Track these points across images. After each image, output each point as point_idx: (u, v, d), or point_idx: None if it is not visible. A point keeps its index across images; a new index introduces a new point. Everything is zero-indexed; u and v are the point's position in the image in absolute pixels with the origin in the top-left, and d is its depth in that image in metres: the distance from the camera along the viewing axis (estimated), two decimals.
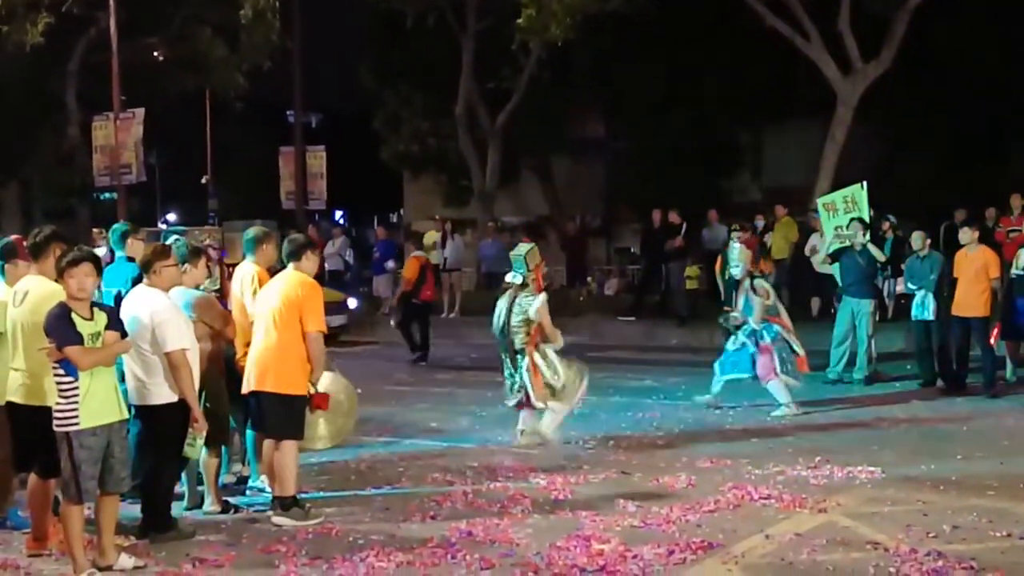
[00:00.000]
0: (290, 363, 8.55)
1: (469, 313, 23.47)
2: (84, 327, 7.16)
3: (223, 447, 9.14)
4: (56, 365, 7.15)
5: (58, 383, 7.17)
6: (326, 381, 9.06)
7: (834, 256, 15.51)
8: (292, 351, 8.54)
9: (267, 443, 8.80)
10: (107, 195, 33.59)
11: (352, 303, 22.12)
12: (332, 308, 20.56)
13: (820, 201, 17.24)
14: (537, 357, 11.17)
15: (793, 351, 12.98)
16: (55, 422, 7.19)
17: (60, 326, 7.10)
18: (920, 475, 9.76)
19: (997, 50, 27.12)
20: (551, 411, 11.23)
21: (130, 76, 27.07)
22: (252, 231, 9.77)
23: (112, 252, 10.23)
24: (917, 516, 8.42)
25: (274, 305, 8.62)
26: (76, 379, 7.12)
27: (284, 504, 8.57)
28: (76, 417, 7.12)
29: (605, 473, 10.04)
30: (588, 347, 18.72)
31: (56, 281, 7.53)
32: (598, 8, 24.47)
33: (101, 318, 7.30)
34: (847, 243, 15.37)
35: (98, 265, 7.49)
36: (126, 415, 7.49)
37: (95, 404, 7.19)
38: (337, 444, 10.08)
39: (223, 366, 8.99)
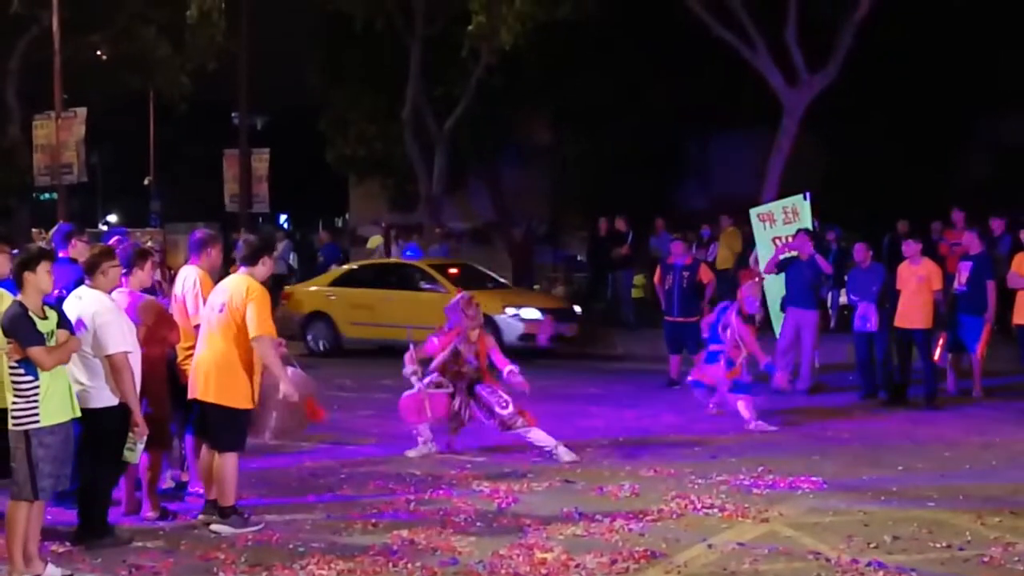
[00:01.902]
0: (232, 374, 8.39)
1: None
2: (41, 326, 7.14)
3: (163, 452, 9.01)
4: (15, 364, 7.10)
5: (16, 382, 7.12)
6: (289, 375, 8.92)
7: (780, 266, 15.57)
8: (235, 361, 8.38)
9: (205, 449, 8.67)
10: (47, 195, 33.17)
11: (577, 309, 21.06)
12: (561, 315, 19.68)
13: (754, 212, 17.31)
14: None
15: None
16: (12, 421, 7.13)
17: (23, 326, 7.09)
18: (862, 486, 9.81)
19: (942, 62, 27.46)
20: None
21: (73, 75, 26.78)
22: (198, 234, 9.64)
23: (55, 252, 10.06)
24: (858, 526, 8.46)
25: (218, 311, 8.46)
26: (36, 379, 7.09)
27: (223, 512, 8.45)
28: (36, 416, 7.09)
29: (548, 482, 10.00)
30: (534, 354, 18.71)
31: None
32: (548, 15, 24.54)
33: (53, 316, 7.29)
34: (796, 254, 15.44)
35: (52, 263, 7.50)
36: (78, 413, 7.41)
37: (54, 403, 7.16)
38: (284, 441, 9.94)
39: (166, 371, 8.86)
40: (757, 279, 14.22)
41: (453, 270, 20.59)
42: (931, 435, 12.30)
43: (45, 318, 7.21)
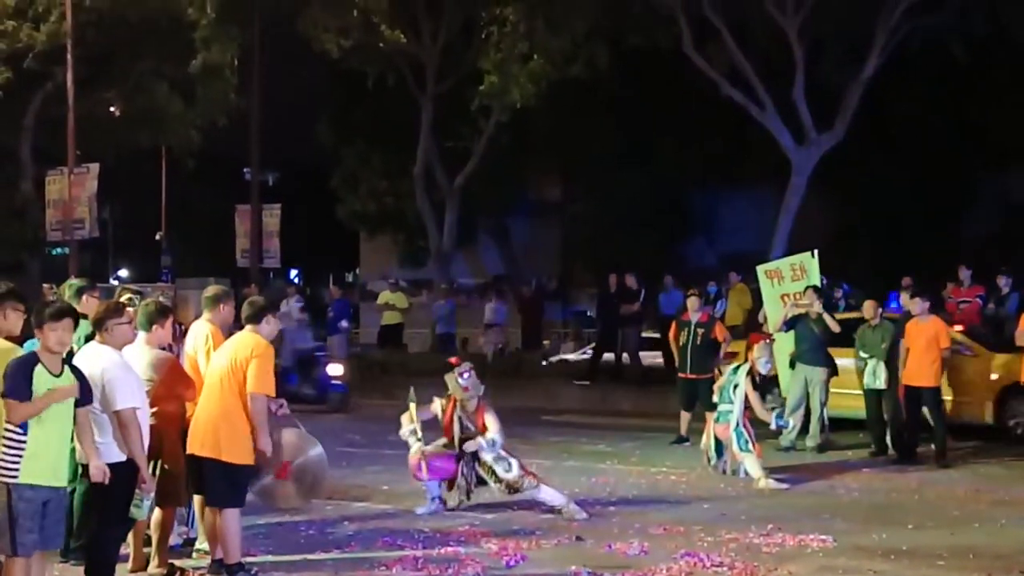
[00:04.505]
0: (236, 430, 8.40)
1: (423, 374, 23.32)
2: (49, 382, 7.03)
3: (175, 508, 9.00)
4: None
5: (7, 431, 7.00)
6: (294, 439, 8.95)
7: (789, 324, 15.58)
8: (236, 417, 8.40)
9: (208, 507, 8.68)
10: (59, 250, 33.32)
11: None
12: None
13: (761, 269, 17.37)
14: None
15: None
16: None
17: (16, 375, 6.97)
18: (871, 544, 9.76)
19: (949, 121, 27.65)
20: None
21: (85, 130, 26.98)
22: (211, 290, 9.68)
23: None
24: None
25: (223, 367, 8.50)
26: (25, 433, 6.96)
27: (229, 569, 8.44)
28: (17, 469, 6.96)
29: (557, 539, 9.97)
30: (543, 411, 18.71)
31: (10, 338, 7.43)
32: (560, 74, 24.79)
33: (70, 378, 7.19)
34: (804, 311, 15.46)
35: (77, 323, 7.43)
36: (63, 483, 7.25)
37: (39, 463, 7.01)
38: (299, 508, 9.96)
39: (180, 427, 8.87)
40: (768, 339, 14.21)
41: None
42: (941, 493, 12.27)
43: (59, 375, 7.12)
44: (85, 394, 7.33)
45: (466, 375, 11.30)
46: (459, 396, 11.25)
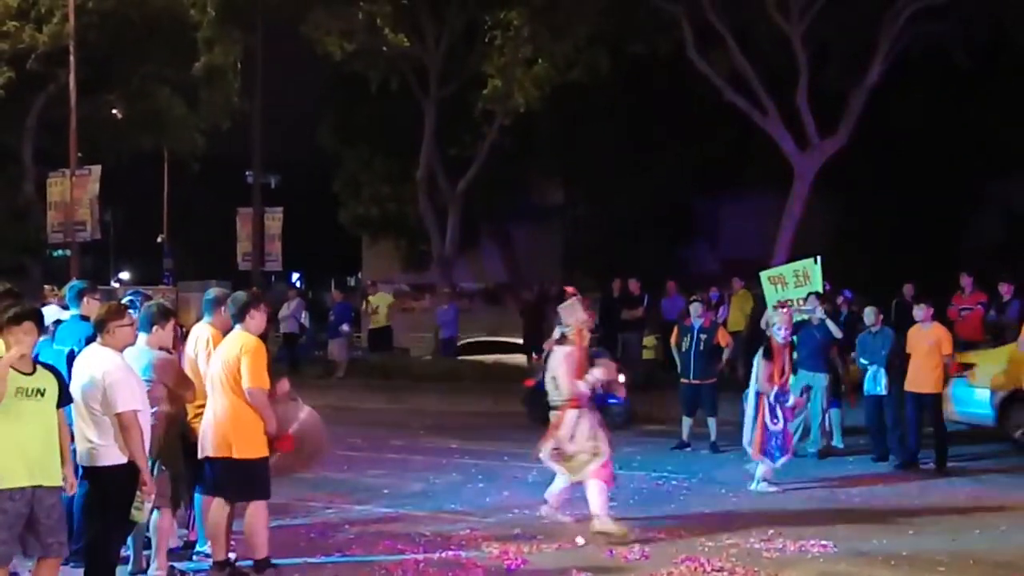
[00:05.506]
0: (244, 426, 8.47)
1: (426, 379, 23.36)
2: (20, 381, 6.98)
3: (176, 511, 9.00)
4: None
5: None
6: (285, 410, 8.96)
7: (792, 329, 15.55)
8: (244, 413, 8.47)
9: (213, 507, 8.69)
10: (60, 252, 33.39)
11: None
12: None
13: (764, 274, 17.37)
14: (568, 416, 10.60)
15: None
16: None
17: None
18: (872, 550, 9.75)
19: (952, 127, 27.65)
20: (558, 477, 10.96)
21: (87, 133, 27.04)
22: (212, 292, 9.69)
23: (66, 309, 10.16)
24: None
25: (218, 370, 8.60)
26: None
27: (258, 565, 8.52)
28: None
29: (558, 543, 9.96)
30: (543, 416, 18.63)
31: None
32: (562, 79, 24.83)
33: (46, 376, 7.18)
34: (806, 316, 15.45)
35: (40, 322, 7.39)
36: (56, 482, 7.19)
37: (14, 465, 6.93)
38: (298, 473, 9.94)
39: (180, 429, 8.88)
40: (786, 309, 14.01)
41: None
42: (942, 499, 12.26)
43: (31, 374, 7.09)
44: (63, 395, 7.32)
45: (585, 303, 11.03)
46: (581, 324, 10.82)
